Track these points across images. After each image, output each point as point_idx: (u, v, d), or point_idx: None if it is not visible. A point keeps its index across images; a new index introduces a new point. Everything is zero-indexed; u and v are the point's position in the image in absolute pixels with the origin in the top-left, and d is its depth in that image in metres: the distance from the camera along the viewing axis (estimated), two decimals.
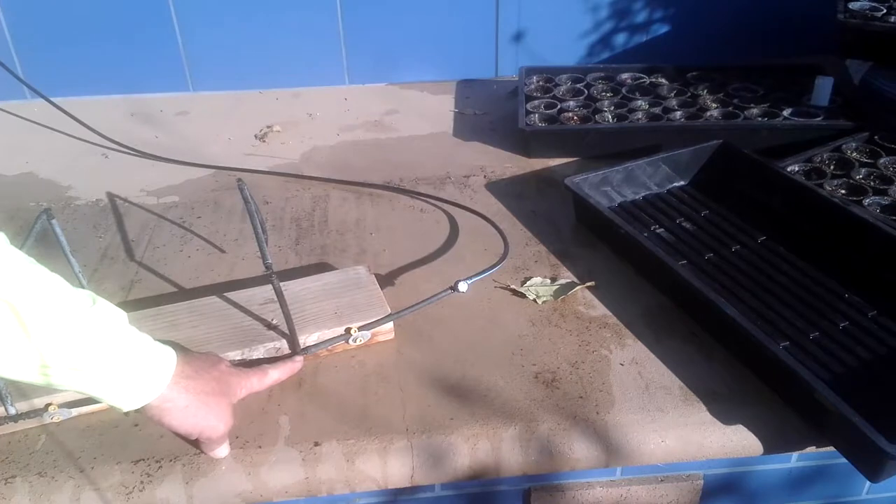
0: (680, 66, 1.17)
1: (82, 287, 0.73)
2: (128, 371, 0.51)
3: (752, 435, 0.62)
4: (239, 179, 0.73)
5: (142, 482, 0.58)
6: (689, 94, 1.10)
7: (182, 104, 1.19)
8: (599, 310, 0.74)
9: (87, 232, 0.88)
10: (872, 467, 0.56)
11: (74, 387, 0.50)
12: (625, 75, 1.17)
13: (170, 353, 0.55)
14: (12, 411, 0.60)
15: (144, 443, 0.61)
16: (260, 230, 0.66)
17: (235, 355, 0.65)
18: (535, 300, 0.75)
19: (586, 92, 1.12)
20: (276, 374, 0.63)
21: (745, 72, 1.15)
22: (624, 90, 1.12)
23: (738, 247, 0.80)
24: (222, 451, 0.60)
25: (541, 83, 1.15)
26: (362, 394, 0.65)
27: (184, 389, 0.54)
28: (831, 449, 0.60)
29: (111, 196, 0.95)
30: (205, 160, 1.02)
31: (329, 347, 0.67)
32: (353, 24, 1.19)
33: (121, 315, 0.53)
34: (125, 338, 0.52)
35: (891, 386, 0.63)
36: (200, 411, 0.55)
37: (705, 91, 1.10)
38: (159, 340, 0.55)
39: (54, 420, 0.61)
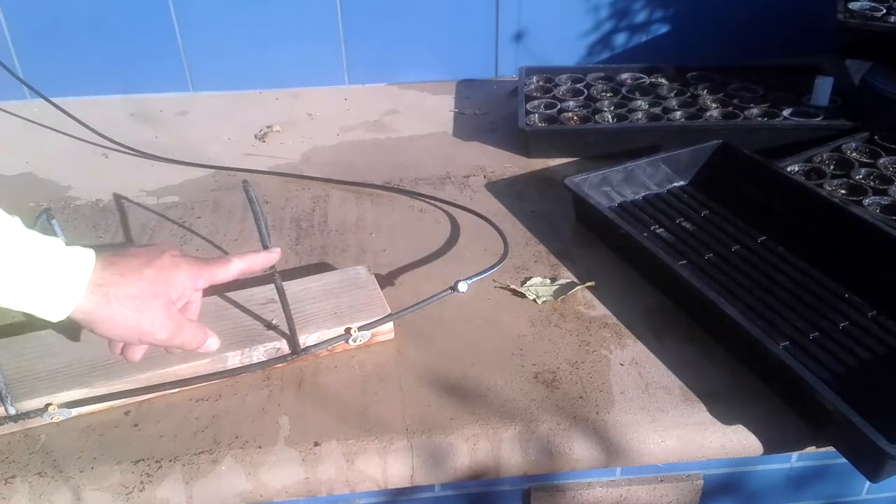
0: (680, 66, 1.17)
1: None
2: (35, 278, 0.48)
3: (752, 435, 0.62)
4: (245, 181, 0.73)
5: (142, 482, 0.58)
6: (689, 94, 1.10)
7: (182, 104, 1.19)
8: (599, 310, 0.74)
9: (87, 232, 0.88)
10: (872, 467, 0.56)
11: None
12: (625, 75, 1.17)
13: (86, 260, 0.50)
14: (12, 411, 0.60)
15: (144, 443, 0.61)
16: (265, 231, 0.66)
17: (235, 355, 0.65)
18: (535, 300, 0.75)
19: (586, 92, 1.12)
20: (241, 263, 0.59)
21: (745, 72, 1.15)
22: (624, 90, 1.12)
23: (738, 247, 0.80)
24: (212, 343, 0.56)
25: (541, 83, 1.15)
26: (362, 394, 0.65)
27: (104, 298, 0.50)
28: (831, 449, 0.60)
29: (111, 196, 0.95)
30: (205, 160, 1.02)
31: (329, 347, 0.67)
32: (353, 24, 1.19)
33: (14, 221, 0.49)
34: (24, 243, 0.49)
35: (891, 386, 0.63)
36: (129, 319, 0.51)
37: (705, 91, 1.10)
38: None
39: (54, 420, 0.62)
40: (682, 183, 0.92)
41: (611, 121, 1.04)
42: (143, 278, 0.52)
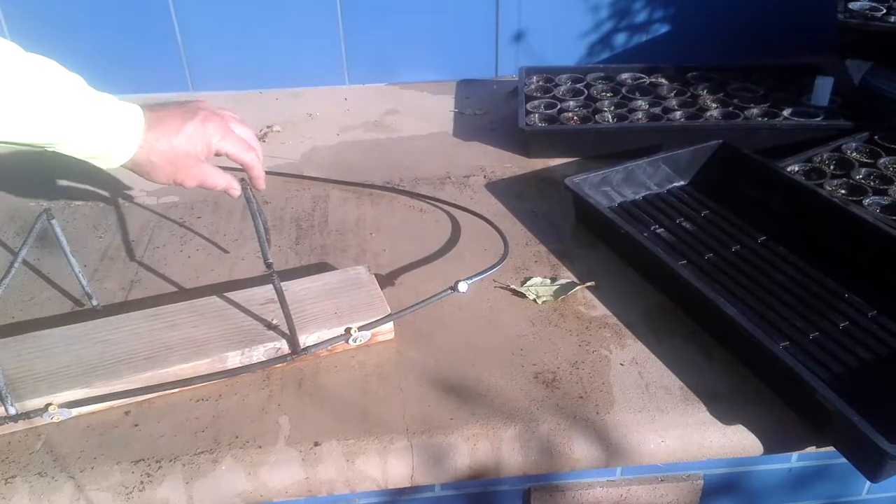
0: (680, 66, 1.17)
1: (83, 289, 0.73)
2: (102, 131, 0.60)
3: (752, 435, 0.62)
4: (242, 179, 0.73)
5: (142, 482, 0.58)
6: (689, 94, 1.10)
7: None
8: (599, 310, 0.74)
9: (87, 232, 0.88)
10: (872, 467, 0.56)
11: (68, 150, 0.61)
12: (625, 75, 1.17)
13: (138, 117, 0.63)
14: (12, 411, 0.60)
15: (144, 443, 0.61)
16: (262, 230, 0.66)
17: (235, 355, 0.65)
18: (535, 300, 0.75)
19: (586, 92, 1.12)
20: (255, 159, 0.73)
21: (745, 72, 1.15)
22: (624, 90, 1.12)
23: (738, 247, 0.80)
24: (234, 191, 0.71)
25: (541, 83, 1.15)
26: (362, 394, 0.65)
27: (148, 154, 0.63)
28: (831, 449, 0.60)
29: (111, 196, 0.95)
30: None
31: (329, 347, 0.67)
32: (353, 24, 1.19)
33: (78, 79, 0.61)
34: (91, 101, 0.60)
35: (891, 386, 0.63)
36: (167, 170, 0.65)
37: (705, 91, 1.10)
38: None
39: (54, 420, 0.62)
40: (682, 183, 0.92)
41: (611, 121, 1.04)
42: (175, 143, 0.65)
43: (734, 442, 0.62)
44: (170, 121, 0.65)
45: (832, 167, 0.92)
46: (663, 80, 1.14)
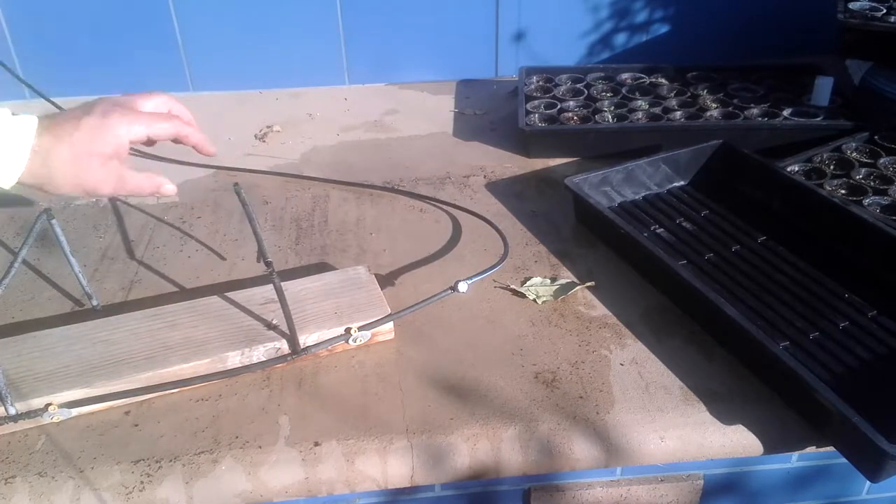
0: (680, 66, 1.17)
1: (83, 289, 0.73)
2: None
3: (752, 435, 0.62)
4: (235, 184, 0.73)
5: (142, 482, 0.58)
6: (689, 94, 1.10)
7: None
8: (599, 310, 0.74)
9: (87, 232, 0.88)
10: (872, 467, 0.56)
11: None
12: (625, 75, 1.17)
13: (28, 128, 0.56)
14: (12, 411, 0.60)
15: (144, 443, 0.61)
16: (259, 230, 0.66)
17: (235, 355, 0.65)
18: (535, 300, 0.75)
19: (586, 92, 1.12)
20: (184, 127, 0.65)
21: (745, 72, 1.15)
22: (624, 90, 1.12)
23: (738, 247, 0.80)
24: (168, 188, 0.63)
25: (541, 83, 1.15)
26: (362, 394, 0.65)
27: (42, 162, 0.56)
28: (831, 449, 0.60)
29: (111, 196, 0.95)
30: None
31: (329, 347, 0.67)
32: (353, 24, 1.19)
33: None
34: None
35: (891, 386, 0.63)
36: (70, 178, 0.57)
37: (705, 91, 1.10)
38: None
39: (54, 420, 0.62)
40: (682, 183, 0.92)
41: (611, 121, 1.04)
42: (74, 141, 0.57)
43: (734, 442, 0.62)
44: (66, 122, 0.58)
45: (832, 167, 0.92)
46: (663, 80, 1.14)
